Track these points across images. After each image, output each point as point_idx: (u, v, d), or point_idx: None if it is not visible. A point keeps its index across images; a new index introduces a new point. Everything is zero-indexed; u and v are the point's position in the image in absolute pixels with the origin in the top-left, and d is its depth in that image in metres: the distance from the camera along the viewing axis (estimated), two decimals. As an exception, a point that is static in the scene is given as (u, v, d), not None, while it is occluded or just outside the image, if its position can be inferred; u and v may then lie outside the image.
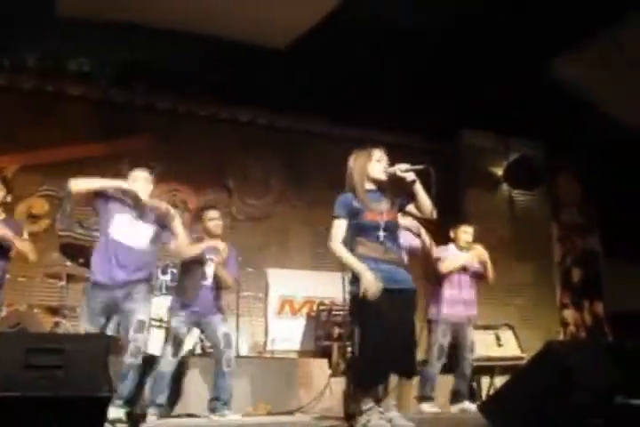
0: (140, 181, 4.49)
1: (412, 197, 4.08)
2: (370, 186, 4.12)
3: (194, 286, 5.14)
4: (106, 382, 3.33)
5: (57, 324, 5.84)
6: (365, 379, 3.96)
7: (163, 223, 4.54)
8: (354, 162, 4.20)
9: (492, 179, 8.50)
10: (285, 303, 7.44)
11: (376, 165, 4.15)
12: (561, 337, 8.05)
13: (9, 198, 5.00)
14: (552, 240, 8.74)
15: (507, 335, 6.71)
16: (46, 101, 7.12)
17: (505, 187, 8.52)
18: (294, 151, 8.10)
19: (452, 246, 5.77)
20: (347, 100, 7.30)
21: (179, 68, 7.09)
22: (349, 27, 6.39)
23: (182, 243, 4.63)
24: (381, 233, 4.02)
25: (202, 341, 6.03)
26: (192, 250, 4.96)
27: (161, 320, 5.57)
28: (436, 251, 5.67)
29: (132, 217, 4.47)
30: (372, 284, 3.83)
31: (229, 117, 7.84)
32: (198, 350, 5.99)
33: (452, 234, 5.80)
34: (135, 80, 7.34)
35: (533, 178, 8.42)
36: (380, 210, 4.06)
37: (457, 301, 5.63)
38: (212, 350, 5.86)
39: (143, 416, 4.13)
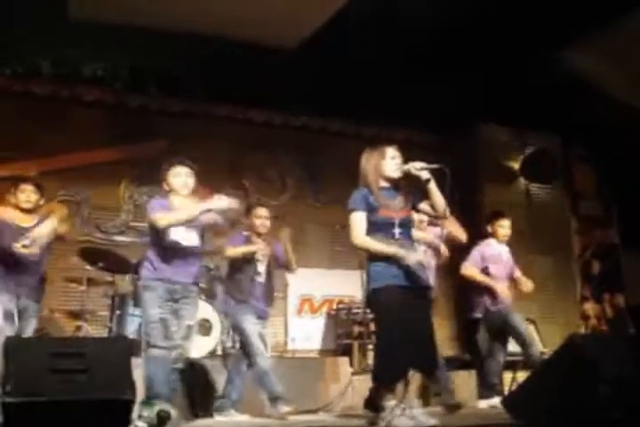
0: (182, 177, 4.62)
1: (425, 196, 4.09)
2: (384, 184, 4.14)
3: (247, 283, 5.19)
4: (129, 384, 3.35)
5: (79, 328, 5.88)
6: (384, 376, 3.98)
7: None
8: (367, 160, 4.22)
9: (508, 173, 8.45)
10: (305, 302, 7.45)
11: (390, 162, 4.17)
12: (582, 330, 8.01)
13: (42, 202, 5.08)
14: (571, 233, 8.68)
15: (528, 330, 6.67)
16: (61, 107, 7.15)
17: (522, 181, 8.48)
18: (309, 150, 8.10)
19: (492, 241, 5.85)
20: (360, 97, 7.29)
21: (191, 71, 7.12)
22: (359, 23, 6.38)
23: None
24: (397, 230, 4.06)
25: (222, 342, 6.06)
26: (234, 252, 5.12)
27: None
28: (482, 246, 5.78)
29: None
30: (408, 255, 3.93)
31: (244, 118, 7.84)
32: (219, 351, 6.01)
33: (489, 229, 5.87)
34: (149, 84, 7.38)
35: (550, 171, 8.37)
36: (394, 207, 4.09)
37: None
38: (232, 351, 5.90)
39: (168, 417, 4.16)
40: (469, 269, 5.68)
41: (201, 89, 7.43)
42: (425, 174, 4.05)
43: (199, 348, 5.73)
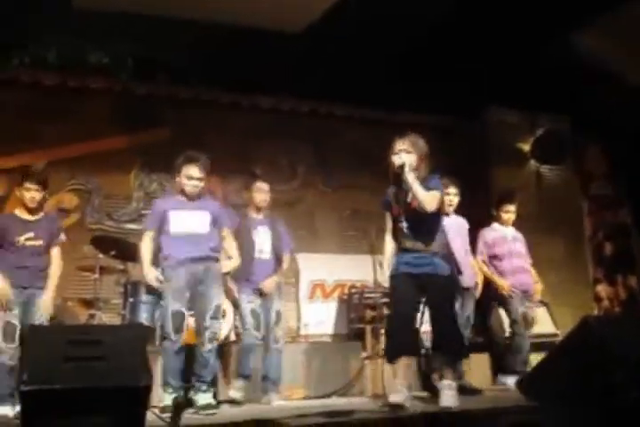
0: (193, 180, 4.80)
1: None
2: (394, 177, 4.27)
3: (247, 261, 5.22)
4: (145, 371, 3.37)
5: (92, 316, 5.90)
6: (388, 357, 4.25)
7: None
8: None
9: (519, 155, 8.41)
10: (317, 288, 7.46)
11: (395, 157, 4.26)
12: (595, 312, 8.00)
13: (46, 197, 5.21)
14: (582, 215, 8.65)
15: (541, 312, 6.69)
16: (68, 96, 7.14)
17: (532, 163, 8.44)
18: (319, 135, 8.07)
19: (495, 225, 5.92)
20: (369, 81, 7.25)
21: (198, 57, 7.09)
22: (367, 6, 6.33)
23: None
24: (404, 224, 4.21)
25: (236, 327, 6.07)
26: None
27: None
28: (485, 233, 5.83)
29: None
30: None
31: (252, 104, 7.82)
32: (233, 337, 6.03)
33: (494, 212, 5.86)
34: (155, 71, 7.36)
35: (560, 152, 8.33)
36: (402, 201, 4.22)
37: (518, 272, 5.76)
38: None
39: (189, 402, 4.23)
40: (479, 262, 5.75)
41: (208, 76, 7.40)
42: (402, 173, 4.18)
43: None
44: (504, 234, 5.88)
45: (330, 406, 4.66)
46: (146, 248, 4.82)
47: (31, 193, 4.93)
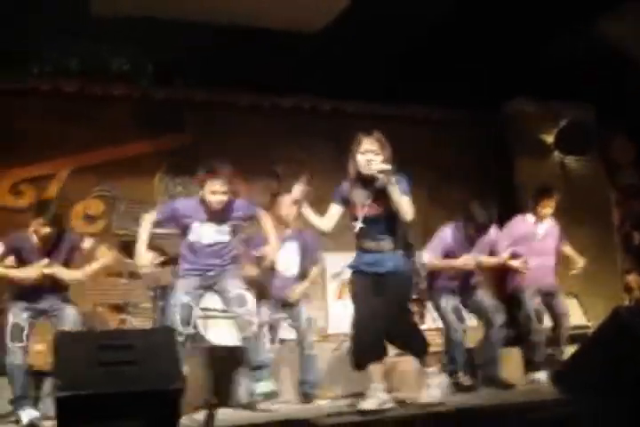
0: (217, 195, 4.72)
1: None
2: (358, 177, 4.18)
3: (273, 275, 5.26)
4: (178, 374, 3.39)
5: (122, 321, 5.94)
6: (352, 360, 4.19)
7: None
8: (352, 149, 4.22)
9: (543, 147, 8.34)
10: (344, 286, 7.45)
11: (361, 157, 4.14)
12: (626, 303, 7.91)
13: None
14: (609, 205, 8.56)
15: (571, 304, 6.62)
16: (90, 103, 7.20)
17: (557, 154, 8.36)
18: (340, 133, 8.04)
19: (529, 217, 5.79)
20: (388, 78, 7.23)
21: (216, 60, 7.10)
22: (380, 4, 6.31)
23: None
24: (364, 225, 4.12)
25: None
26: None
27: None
28: (513, 225, 5.73)
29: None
30: None
31: (272, 105, 7.83)
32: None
33: (532, 205, 5.84)
34: (175, 75, 7.39)
35: (585, 143, 8.24)
36: (361, 203, 4.13)
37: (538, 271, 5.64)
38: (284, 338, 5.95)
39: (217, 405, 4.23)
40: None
41: (227, 78, 7.42)
42: (382, 178, 4.01)
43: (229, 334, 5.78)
44: (535, 230, 5.75)
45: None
46: (143, 230, 4.82)
47: (45, 229, 4.80)
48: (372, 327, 4.02)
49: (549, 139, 8.31)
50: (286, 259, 5.36)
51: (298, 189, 4.27)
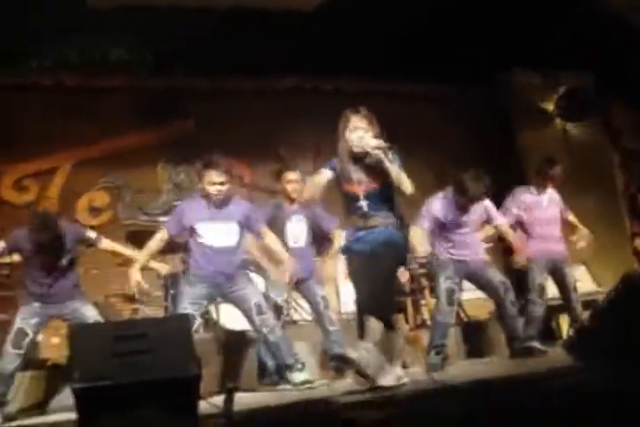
0: (215, 186, 4.69)
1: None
2: (349, 155, 4.08)
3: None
4: (193, 360, 3.41)
5: (135, 311, 5.98)
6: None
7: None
8: (339, 126, 4.17)
9: (544, 115, 8.31)
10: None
11: (351, 134, 4.08)
12: (636, 267, 7.90)
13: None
14: (613, 169, 8.54)
15: (580, 271, 6.62)
16: (91, 95, 7.19)
17: (558, 121, 8.33)
18: (342, 113, 8.01)
19: (533, 188, 5.75)
20: (387, 55, 7.17)
21: (214, 46, 7.06)
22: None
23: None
24: (363, 203, 4.02)
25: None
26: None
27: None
28: (518, 194, 5.68)
29: None
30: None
31: (272, 89, 7.79)
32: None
33: (536, 176, 5.80)
34: (174, 63, 7.36)
35: (585, 109, 8.20)
36: (358, 180, 4.03)
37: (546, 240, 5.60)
38: (298, 318, 5.98)
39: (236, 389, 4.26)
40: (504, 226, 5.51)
41: (225, 62, 7.38)
42: (379, 156, 3.92)
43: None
44: (539, 198, 5.72)
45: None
46: (149, 248, 4.87)
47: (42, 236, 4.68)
48: (364, 309, 3.97)
49: (550, 107, 8.28)
50: (294, 232, 5.35)
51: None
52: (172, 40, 6.81)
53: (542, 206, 5.67)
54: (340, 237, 5.27)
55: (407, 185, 3.94)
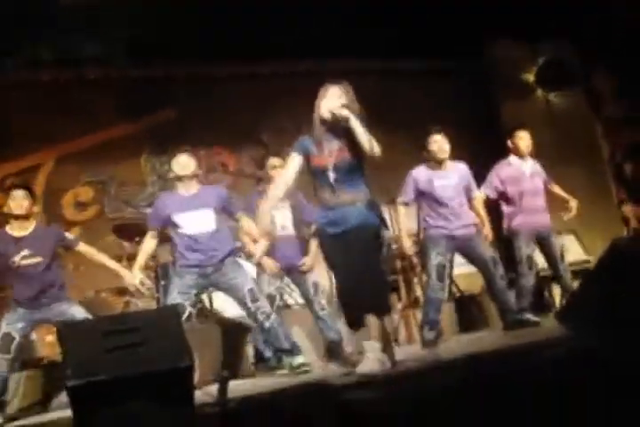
0: (180, 164, 4.75)
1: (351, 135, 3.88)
2: (322, 126, 3.98)
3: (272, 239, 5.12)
4: (186, 351, 3.41)
5: (127, 303, 5.97)
6: (346, 323, 3.98)
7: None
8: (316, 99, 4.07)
9: (525, 86, 8.31)
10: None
11: (326, 102, 3.99)
12: (625, 234, 7.93)
13: (36, 209, 5.10)
14: (597, 138, 8.54)
15: (569, 240, 6.64)
16: (67, 90, 7.15)
17: (540, 92, 8.32)
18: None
19: (512, 157, 5.71)
20: (364, 32, 7.11)
21: (190, 32, 6.99)
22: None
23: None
24: (331, 175, 3.90)
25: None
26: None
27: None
28: (499, 168, 5.65)
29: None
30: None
31: (250, 73, 7.75)
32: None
33: (509, 144, 5.73)
34: (150, 53, 7.29)
35: (566, 77, 8.19)
36: (329, 151, 3.93)
37: (532, 212, 5.60)
38: (292, 303, 5.99)
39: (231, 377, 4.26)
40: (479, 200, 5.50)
41: (202, 51, 7.32)
42: (343, 113, 3.85)
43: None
44: (521, 170, 5.68)
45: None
46: (143, 249, 4.87)
47: (17, 201, 4.73)
48: (356, 287, 3.82)
49: (531, 78, 8.27)
50: (280, 219, 5.31)
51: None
52: (145, 29, 6.73)
53: (526, 178, 5.65)
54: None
55: (372, 144, 3.82)
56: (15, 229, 4.78)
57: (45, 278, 4.74)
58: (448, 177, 5.23)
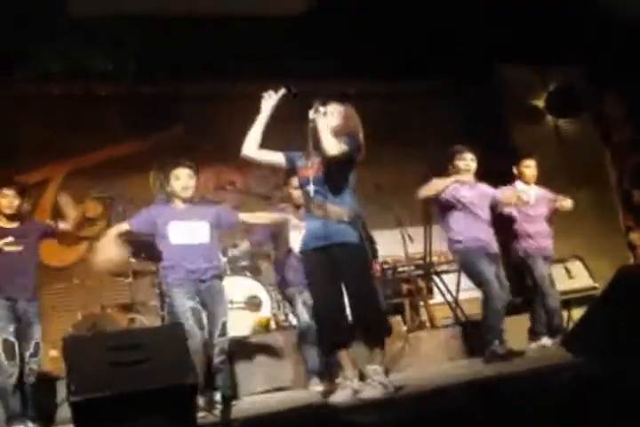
0: (183, 179, 4.67)
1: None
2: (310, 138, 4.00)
3: (282, 256, 5.18)
4: (190, 369, 3.40)
5: (132, 320, 5.96)
6: (319, 349, 4.06)
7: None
8: None
9: (535, 111, 8.31)
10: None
11: (310, 116, 4.06)
12: (631, 261, 7.90)
13: (27, 207, 5.16)
14: (606, 164, 8.54)
15: (576, 267, 6.62)
16: (77, 105, 7.19)
17: (549, 118, 8.34)
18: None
19: (519, 184, 5.80)
20: (375, 54, 7.17)
21: (200, 52, 7.05)
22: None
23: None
24: (311, 188, 3.93)
25: (274, 315, 6.11)
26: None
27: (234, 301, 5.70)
28: (502, 191, 5.66)
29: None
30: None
31: (261, 91, 7.76)
32: (273, 326, 6.07)
33: (515, 171, 5.84)
34: (159, 70, 7.35)
35: (576, 104, 8.21)
36: (311, 163, 3.98)
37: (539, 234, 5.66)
38: (286, 324, 5.95)
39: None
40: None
41: (213, 68, 7.37)
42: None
43: (251, 324, 5.81)
44: (526, 196, 5.73)
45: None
46: (109, 232, 4.83)
47: (8, 199, 4.80)
48: (332, 313, 3.79)
49: (541, 103, 8.29)
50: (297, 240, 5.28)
51: None
52: (155, 46, 6.79)
53: (530, 203, 5.69)
54: None
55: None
56: (3, 222, 4.88)
57: (25, 269, 4.80)
58: (472, 190, 5.39)
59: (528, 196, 5.60)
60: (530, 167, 5.81)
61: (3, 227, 4.85)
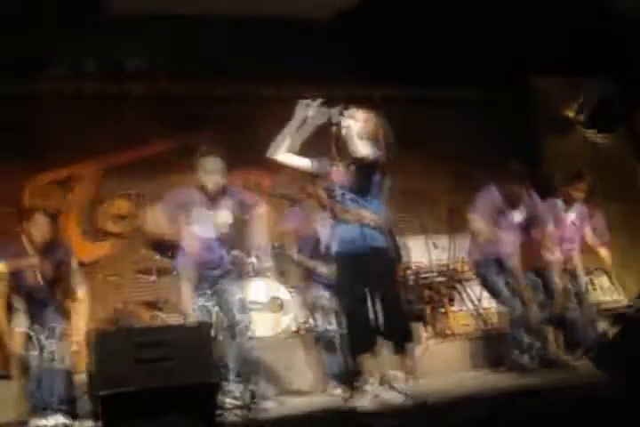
0: (211, 174, 4.64)
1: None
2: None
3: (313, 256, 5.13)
4: (213, 367, 3.42)
5: (154, 317, 5.99)
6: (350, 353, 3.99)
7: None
8: None
9: (566, 123, 8.25)
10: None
11: (333, 120, 4.07)
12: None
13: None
14: (638, 178, 8.45)
15: (601, 280, 6.57)
16: (111, 103, 7.23)
17: (581, 129, 8.27)
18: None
19: (559, 203, 5.73)
20: (406, 60, 7.16)
21: (233, 53, 7.08)
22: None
23: None
24: (338, 192, 3.97)
25: (296, 318, 6.10)
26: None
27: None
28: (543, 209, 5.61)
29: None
30: None
31: (291, 93, 7.79)
32: (293, 328, 6.06)
33: (561, 189, 5.82)
34: (193, 70, 7.38)
35: (611, 118, 8.12)
36: (336, 168, 4.02)
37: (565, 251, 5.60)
38: (306, 326, 5.95)
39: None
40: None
41: (245, 70, 7.40)
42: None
43: (272, 325, 5.81)
44: (564, 216, 5.69)
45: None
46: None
47: (37, 228, 4.73)
48: (359, 317, 3.82)
49: (572, 114, 8.22)
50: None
51: None
52: (190, 47, 6.82)
53: (565, 224, 5.65)
54: None
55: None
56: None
57: (47, 293, 4.71)
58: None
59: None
60: (580, 190, 5.74)
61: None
